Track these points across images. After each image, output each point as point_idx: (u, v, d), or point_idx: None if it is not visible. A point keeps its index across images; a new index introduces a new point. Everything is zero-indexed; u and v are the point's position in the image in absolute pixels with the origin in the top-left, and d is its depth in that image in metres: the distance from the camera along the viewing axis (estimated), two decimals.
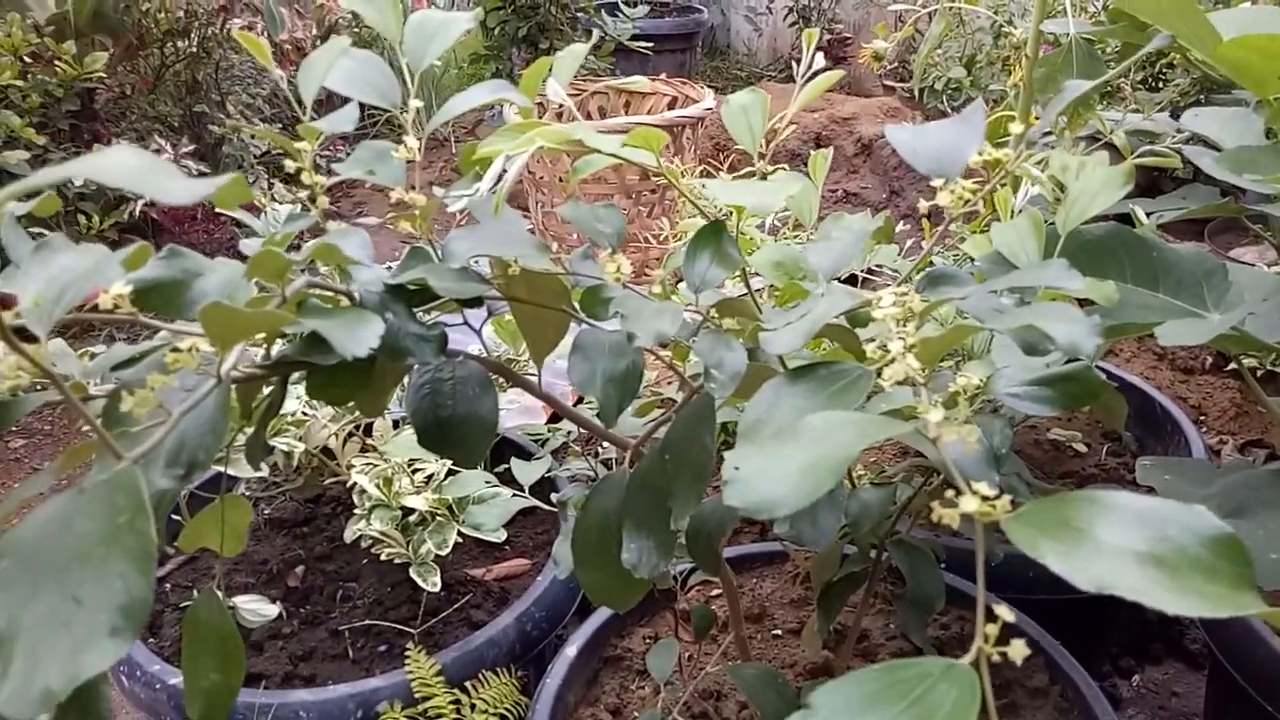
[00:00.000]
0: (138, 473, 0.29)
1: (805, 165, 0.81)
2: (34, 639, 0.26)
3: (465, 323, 0.60)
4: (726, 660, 1.03)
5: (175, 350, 0.37)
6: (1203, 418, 1.68)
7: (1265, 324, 0.72)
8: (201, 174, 2.40)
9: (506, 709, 0.95)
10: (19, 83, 2.20)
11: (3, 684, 0.25)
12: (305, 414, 1.06)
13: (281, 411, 1.04)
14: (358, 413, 1.09)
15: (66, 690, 0.25)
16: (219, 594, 0.58)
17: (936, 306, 0.38)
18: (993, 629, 0.31)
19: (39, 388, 0.49)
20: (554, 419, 1.47)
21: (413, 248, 0.55)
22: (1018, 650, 0.31)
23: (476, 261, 0.54)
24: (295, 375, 0.52)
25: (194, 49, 2.68)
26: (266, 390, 0.57)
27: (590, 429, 0.63)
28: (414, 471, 1.05)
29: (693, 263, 0.52)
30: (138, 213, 2.32)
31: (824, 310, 0.41)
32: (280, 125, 2.74)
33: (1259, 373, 1.70)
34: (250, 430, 0.58)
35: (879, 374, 0.37)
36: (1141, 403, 1.35)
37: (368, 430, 1.21)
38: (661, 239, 1.96)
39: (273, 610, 0.83)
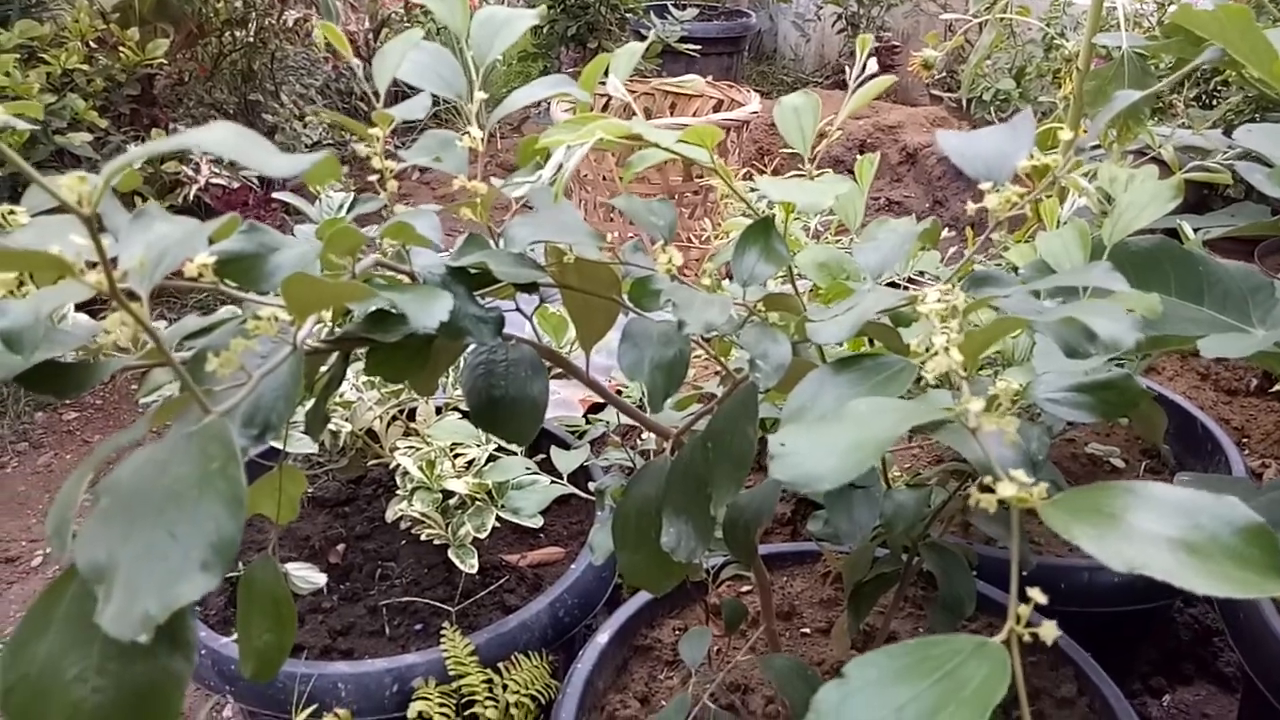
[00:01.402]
0: (227, 424, 0.31)
1: (849, 171, 0.82)
2: (132, 570, 0.28)
3: (517, 308, 0.63)
4: (755, 654, 1.05)
5: (256, 318, 0.40)
6: (1245, 440, 1.66)
7: None
8: None
9: (537, 690, 0.97)
10: (84, 67, 2.28)
11: (106, 607, 0.27)
12: (353, 397, 1.09)
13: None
14: (403, 397, 1.11)
15: (163, 616, 0.27)
16: (274, 561, 0.61)
17: (981, 305, 0.39)
18: (1025, 609, 0.33)
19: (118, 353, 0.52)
20: (593, 410, 1.49)
21: (470, 234, 0.57)
22: (1049, 631, 0.32)
23: (532, 249, 0.56)
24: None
25: (251, 39, 2.75)
26: (326, 368, 0.60)
27: (633, 416, 0.65)
28: (455, 456, 1.08)
29: (741, 258, 0.54)
30: (191, 196, 2.38)
31: (870, 305, 0.42)
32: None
33: None
34: (311, 403, 0.60)
35: (922, 367, 0.39)
36: (1182, 421, 1.34)
37: (411, 415, 1.24)
38: (704, 239, 1.97)
39: (320, 579, 0.86)
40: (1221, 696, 1.34)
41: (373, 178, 0.53)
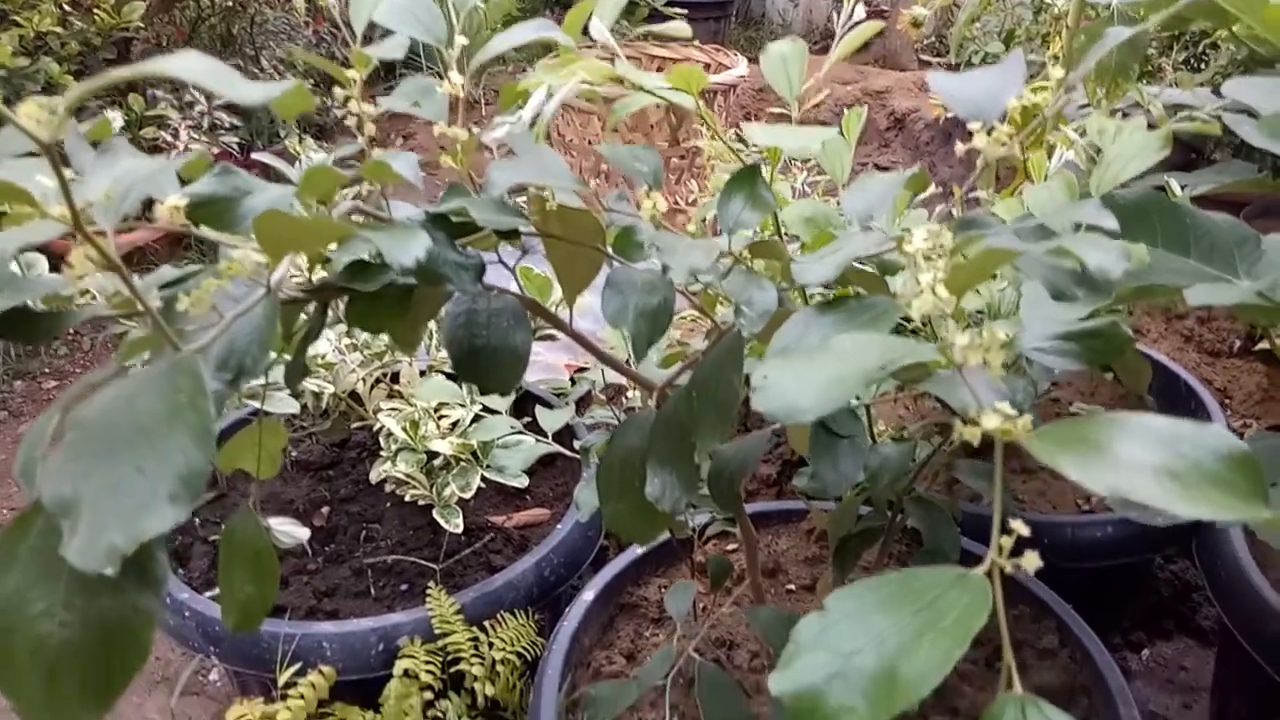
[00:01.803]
0: (197, 358, 0.30)
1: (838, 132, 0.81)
2: (99, 503, 0.28)
3: (499, 260, 0.62)
4: (740, 608, 1.05)
5: (229, 259, 0.39)
6: (1228, 400, 1.67)
7: None
8: (234, 126, 2.42)
9: (523, 648, 0.98)
10: (59, 30, 2.23)
11: (71, 540, 0.27)
12: (335, 359, 1.08)
13: (313, 354, 1.06)
14: (386, 359, 1.11)
15: (130, 548, 0.27)
16: (255, 513, 0.60)
17: (969, 244, 0.39)
18: (1007, 541, 0.33)
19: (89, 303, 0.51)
20: (578, 374, 1.49)
21: (452, 185, 0.56)
22: (1030, 561, 0.32)
23: (514, 199, 0.55)
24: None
25: (230, 2, 2.70)
26: (305, 320, 0.59)
27: (618, 369, 0.64)
28: (440, 417, 1.07)
29: (726, 205, 0.53)
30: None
31: (856, 247, 0.42)
32: (313, 81, 2.75)
33: None
34: (290, 356, 0.60)
35: (907, 307, 0.38)
36: (1166, 381, 1.35)
37: (395, 379, 1.23)
38: (690, 202, 1.96)
39: (304, 533, 0.85)
40: (1199, 650, 1.37)
41: (351, 122, 0.52)
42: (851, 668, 0.32)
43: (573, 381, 1.33)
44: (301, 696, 0.84)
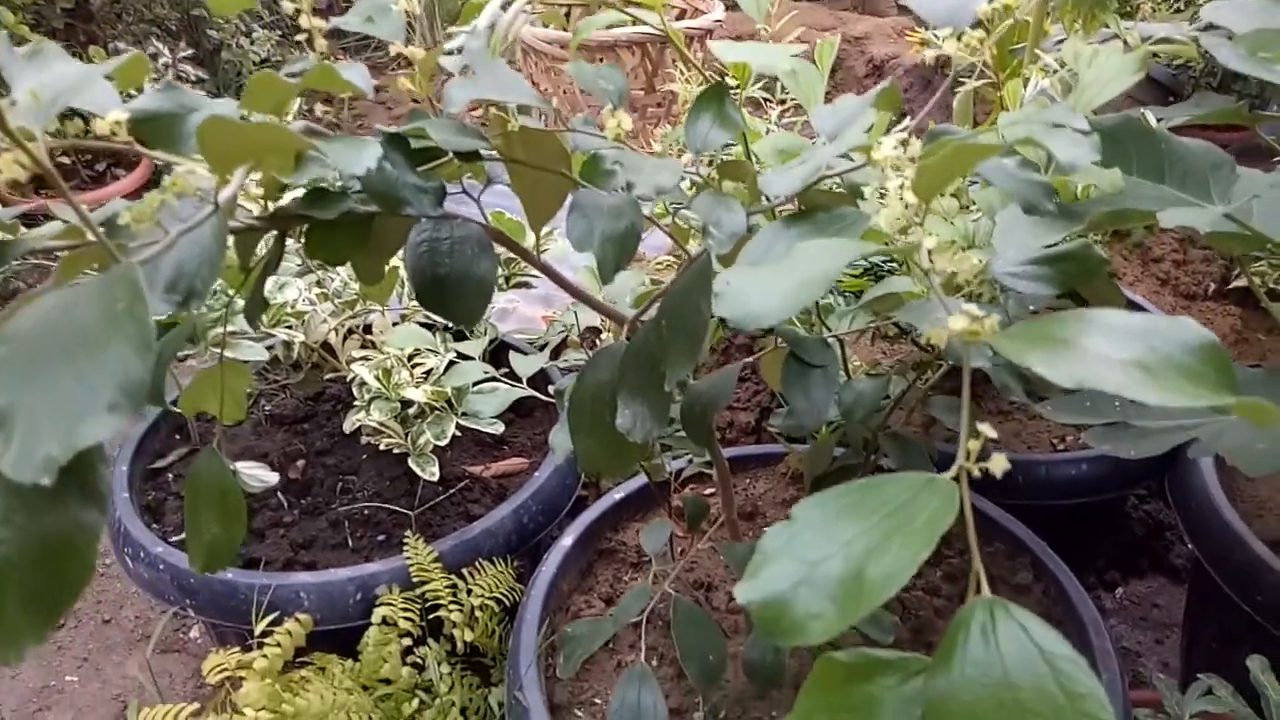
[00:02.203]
0: (135, 267, 0.29)
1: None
2: (34, 414, 0.26)
3: (463, 190, 0.60)
4: (717, 544, 1.06)
5: (173, 176, 0.37)
6: None
7: (1272, 221, 0.72)
8: (199, 80, 2.36)
9: (502, 594, 0.97)
10: None
11: (6, 451, 0.26)
12: (306, 307, 1.06)
13: (281, 301, 1.04)
14: (358, 308, 1.09)
15: (66, 457, 0.26)
16: (220, 454, 0.59)
17: (938, 150, 0.38)
18: (975, 444, 0.32)
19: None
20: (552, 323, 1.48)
21: (413, 110, 0.54)
22: (999, 463, 0.32)
23: (476, 120, 0.53)
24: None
25: None
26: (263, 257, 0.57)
27: (588, 302, 0.63)
28: (414, 366, 1.06)
29: (694, 124, 0.52)
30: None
31: (823, 156, 0.40)
32: (280, 32, 2.68)
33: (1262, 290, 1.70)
34: (248, 292, 0.58)
35: (876, 214, 0.37)
36: None
37: (368, 331, 1.21)
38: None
39: (273, 477, 0.84)
40: (1171, 588, 1.39)
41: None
42: (818, 574, 0.31)
43: (546, 334, 1.31)
44: (278, 644, 0.83)
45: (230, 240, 0.55)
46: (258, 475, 0.77)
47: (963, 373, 0.35)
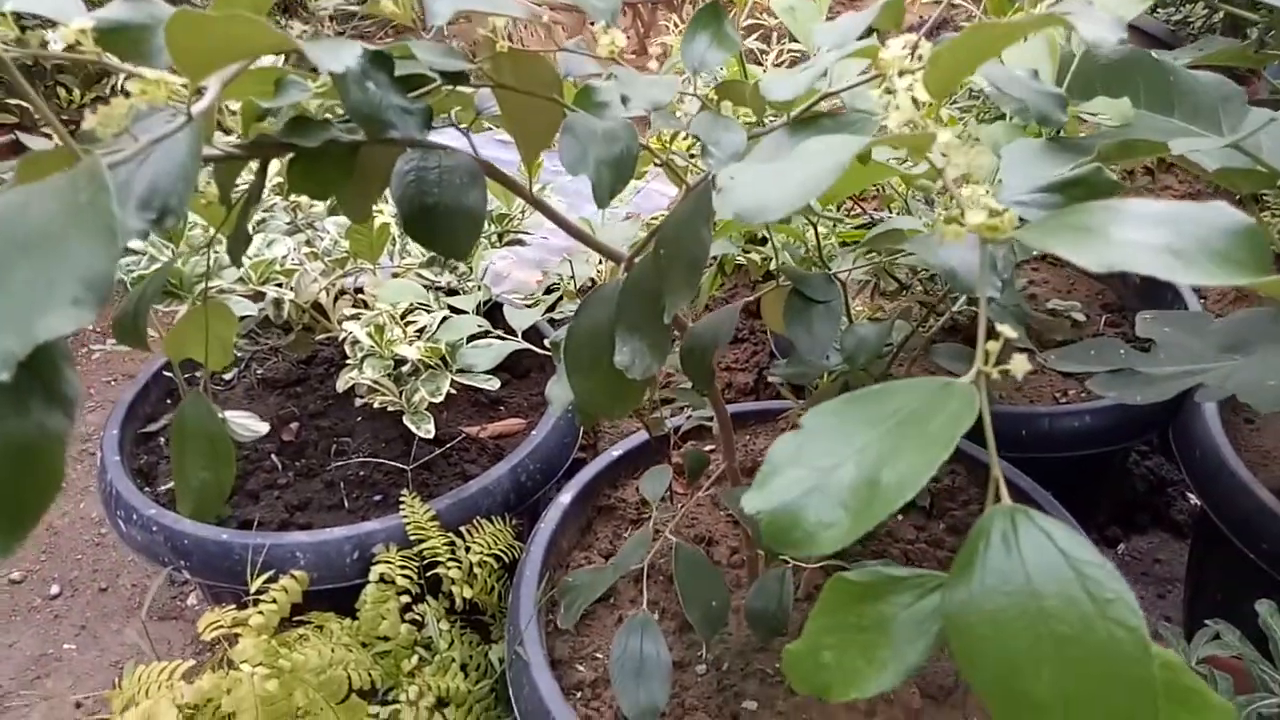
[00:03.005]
0: (99, 160, 0.27)
1: None
2: None
3: (454, 124, 0.58)
4: (718, 509, 1.05)
5: (141, 81, 0.35)
6: (1203, 300, 1.67)
7: None
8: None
9: (500, 550, 0.96)
10: None
11: None
12: (294, 263, 1.04)
13: (270, 258, 1.02)
14: (348, 265, 1.07)
15: (24, 350, 0.24)
16: (205, 398, 0.57)
17: (949, 48, 0.36)
18: (994, 345, 0.30)
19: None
20: (548, 293, 1.46)
21: (399, 34, 0.52)
22: (1020, 365, 0.30)
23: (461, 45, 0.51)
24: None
25: None
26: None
27: (582, 239, 0.61)
28: (407, 324, 1.04)
29: (690, 44, 0.49)
30: (120, 86, 2.25)
31: (826, 60, 0.39)
32: None
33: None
34: (230, 231, 0.56)
35: (885, 115, 0.35)
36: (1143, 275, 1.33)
37: (359, 292, 1.19)
38: None
39: (263, 427, 0.83)
40: (1173, 543, 1.38)
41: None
42: (830, 482, 0.30)
43: (548, 292, 1.29)
44: (274, 601, 0.82)
45: (210, 173, 0.53)
46: (247, 425, 0.76)
47: (975, 307, 0.33)
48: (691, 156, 0.67)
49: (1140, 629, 0.28)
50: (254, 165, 0.53)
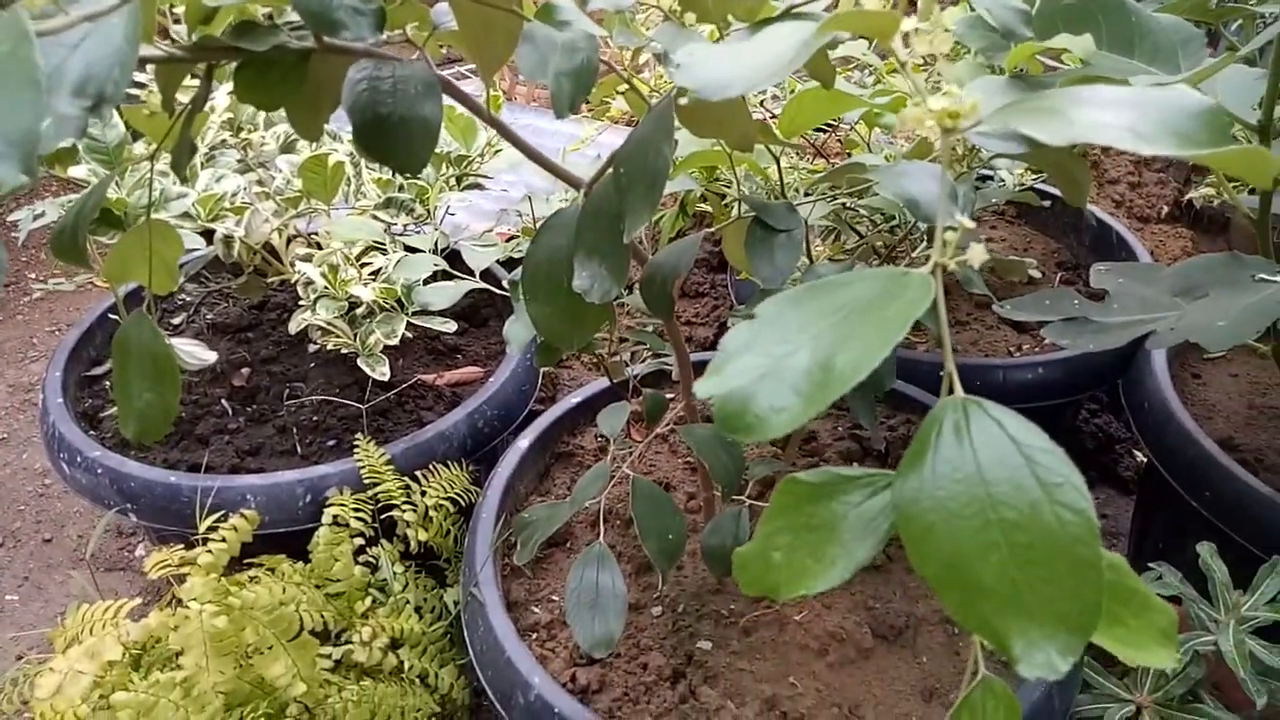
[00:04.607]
0: (20, 10, 0.26)
1: None
2: None
3: (406, 39, 0.56)
4: (675, 456, 1.05)
5: None
6: (1156, 261, 1.70)
7: (1238, 95, 0.71)
8: None
9: (457, 494, 0.95)
10: None
11: None
12: (246, 201, 1.01)
13: (219, 193, 0.99)
14: (301, 205, 1.04)
15: None
16: (150, 318, 0.55)
17: None
18: (952, 236, 0.30)
19: None
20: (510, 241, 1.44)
21: None
22: (977, 254, 0.30)
23: None
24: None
25: None
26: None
27: (541, 163, 0.60)
28: (362, 265, 1.02)
29: None
30: None
31: None
32: None
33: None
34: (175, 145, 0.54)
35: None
36: (1100, 230, 1.35)
37: (313, 235, 1.17)
38: None
39: (210, 355, 0.80)
40: (1120, 499, 1.41)
41: None
42: (784, 367, 0.29)
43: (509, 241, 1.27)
44: (223, 540, 0.81)
45: (151, 73, 0.51)
46: (194, 353, 0.74)
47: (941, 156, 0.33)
48: (653, 93, 0.66)
49: (1087, 511, 0.28)
50: (197, 75, 0.51)
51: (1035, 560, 0.28)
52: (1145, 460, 1.23)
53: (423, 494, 0.95)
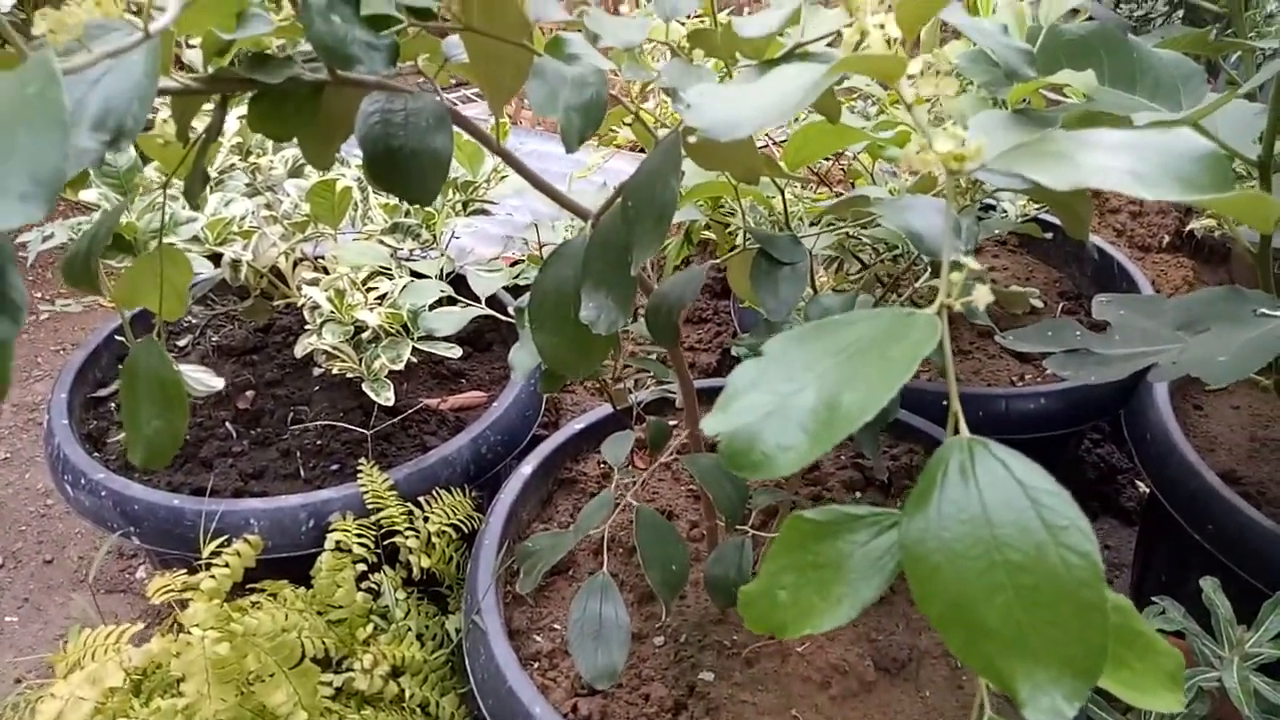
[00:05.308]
0: (48, 53, 0.26)
1: None
2: None
3: (417, 70, 0.57)
4: (679, 483, 1.05)
5: None
6: (1158, 292, 1.70)
7: (1238, 131, 0.72)
8: None
9: (459, 520, 0.95)
10: None
11: None
12: (254, 225, 1.02)
13: (228, 217, 1.00)
14: (309, 230, 1.05)
15: None
16: (159, 344, 0.56)
17: None
18: (958, 276, 0.31)
19: None
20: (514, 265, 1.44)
21: None
22: (983, 295, 0.30)
23: None
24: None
25: None
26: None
27: (548, 193, 0.61)
28: (369, 290, 1.02)
29: None
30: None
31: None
32: None
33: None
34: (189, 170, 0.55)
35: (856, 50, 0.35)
36: (1101, 261, 1.36)
37: (320, 260, 1.17)
38: None
39: (218, 382, 0.81)
40: (1122, 530, 1.41)
41: None
42: (790, 405, 0.29)
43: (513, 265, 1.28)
44: (226, 565, 0.80)
45: (168, 110, 0.51)
46: (201, 379, 0.74)
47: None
48: (658, 124, 0.67)
49: (1092, 555, 0.28)
50: (212, 105, 0.52)
51: (1040, 603, 0.28)
52: (1148, 491, 1.23)
53: (425, 520, 0.95)
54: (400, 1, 0.46)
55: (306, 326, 1.02)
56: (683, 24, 0.49)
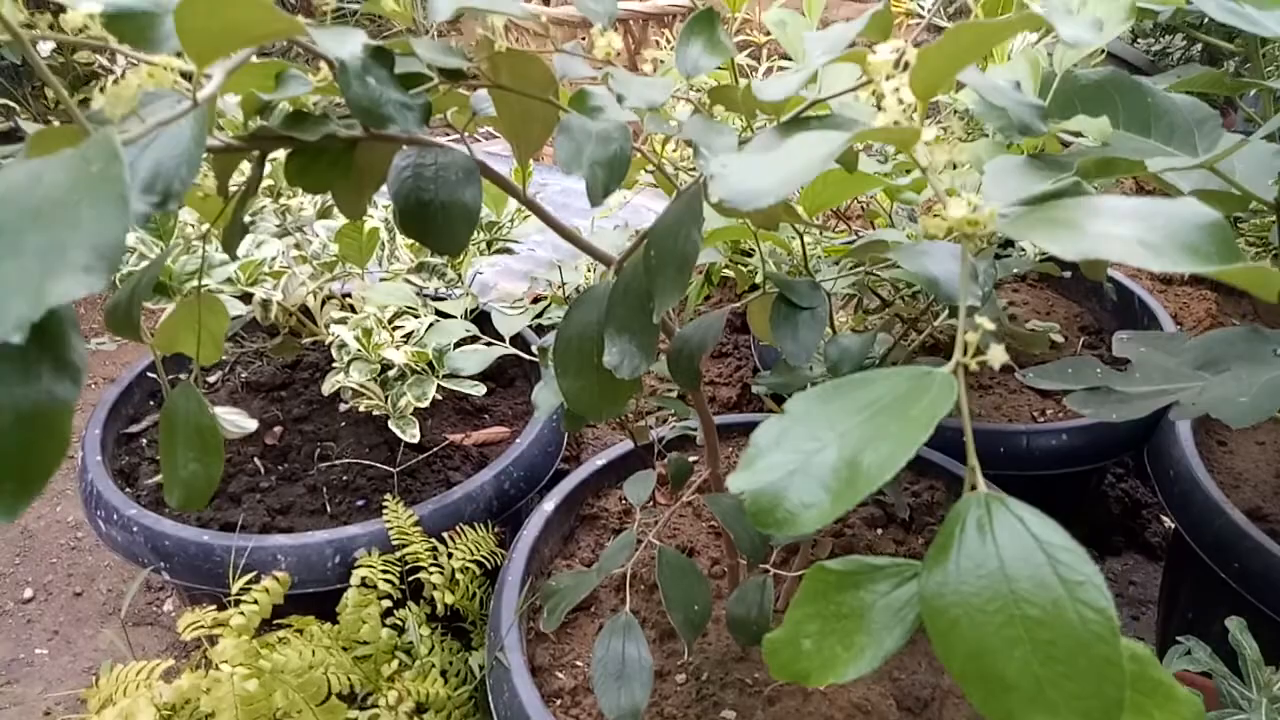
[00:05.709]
0: (112, 132, 0.28)
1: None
2: (3, 274, 0.25)
3: (446, 122, 0.59)
4: (700, 520, 1.05)
5: (149, 64, 0.36)
6: (1179, 326, 1.69)
7: (1256, 175, 0.72)
8: None
9: (483, 557, 0.96)
10: None
11: None
12: (284, 265, 1.04)
13: (259, 259, 1.03)
14: (337, 269, 1.07)
15: (37, 314, 0.24)
16: (196, 389, 0.58)
17: (936, 50, 0.37)
18: (973, 337, 0.32)
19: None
20: (536, 302, 1.46)
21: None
22: (998, 355, 0.31)
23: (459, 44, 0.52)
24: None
25: None
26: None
27: (572, 240, 0.62)
28: (395, 329, 1.04)
29: (685, 50, 0.51)
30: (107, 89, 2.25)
31: (817, 63, 0.40)
32: None
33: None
34: (227, 222, 0.57)
35: (873, 117, 0.37)
36: (1121, 296, 1.36)
37: (347, 297, 1.20)
38: None
39: (251, 424, 0.83)
40: (1147, 565, 1.40)
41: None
42: (813, 464, 0.30)
43: (535, 302, 1.30)
44: (255, 602, 0.82)
45: (208, 165, 0.54)
46: (235, 421, 0.76)
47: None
48: (679, 170, 0.69)
49: (1108, 610, 0.29)
50: (250, 161, 0.54)
51: (1058, 657, 0.29)
52: (1173, 526, 1.22)
53: (449, 556, 0.96)
54: (433, 63, 0.47)
55: (334, 364, 1.04)
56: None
